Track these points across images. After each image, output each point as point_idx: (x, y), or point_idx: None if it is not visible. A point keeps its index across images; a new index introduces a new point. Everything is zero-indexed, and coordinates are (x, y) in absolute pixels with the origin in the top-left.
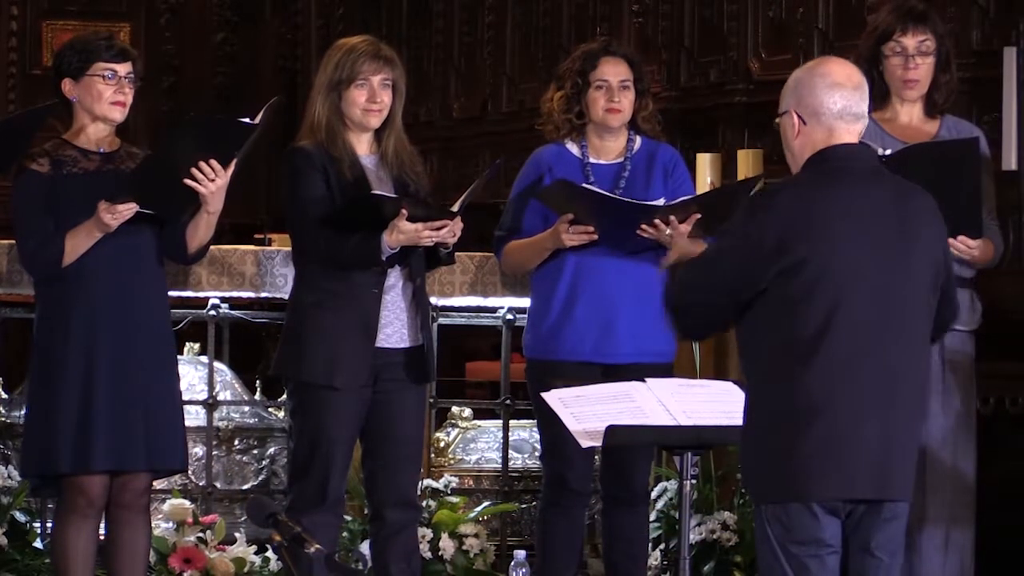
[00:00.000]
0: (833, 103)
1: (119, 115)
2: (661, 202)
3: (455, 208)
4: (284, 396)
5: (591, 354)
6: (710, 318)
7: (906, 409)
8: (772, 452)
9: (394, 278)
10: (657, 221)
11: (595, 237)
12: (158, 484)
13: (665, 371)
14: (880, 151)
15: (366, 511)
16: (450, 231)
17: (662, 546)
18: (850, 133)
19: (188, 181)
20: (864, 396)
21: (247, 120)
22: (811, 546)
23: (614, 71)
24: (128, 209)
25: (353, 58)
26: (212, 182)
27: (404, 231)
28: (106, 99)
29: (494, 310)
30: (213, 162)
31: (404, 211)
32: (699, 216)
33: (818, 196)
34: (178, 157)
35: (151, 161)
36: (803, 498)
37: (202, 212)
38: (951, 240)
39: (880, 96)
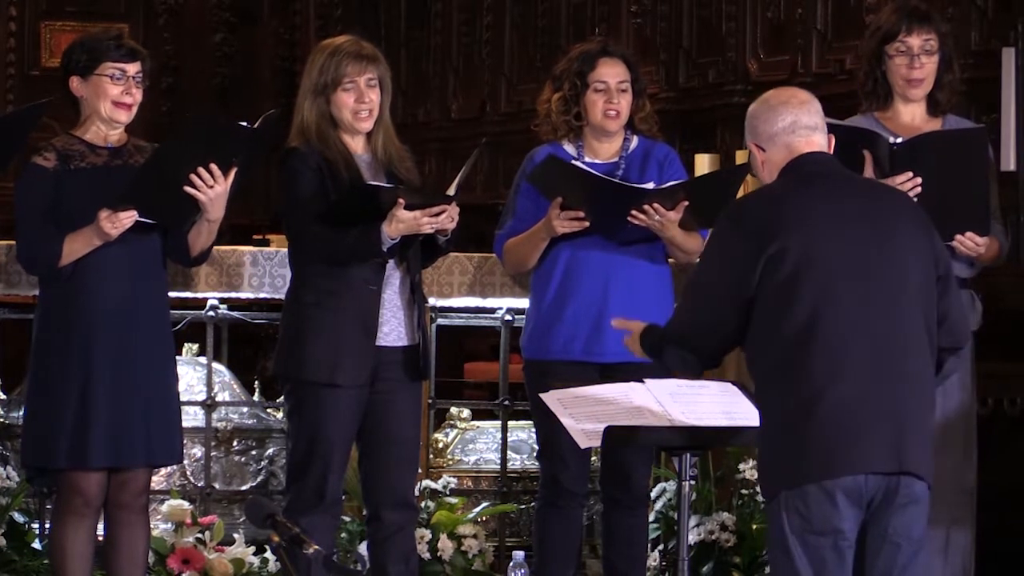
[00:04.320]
0: (781, 119)
1: (124, 117)
2: (650, 186)
3: (451, 192)
4: (282, 397)
5: (582, 353)
6: (721, 341)
7: (912, 388)
8: (786, 441)
9: (391, 275)
10: (647, 207)
11: (586, 224)
12: (156, 485)
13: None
14: (891, 139)
15: (364, 512)
16: (448, 216)
17: (661, 547)
18: (809, 144)
19: (187, 188)
20: (867, 378)
21: (244, 124)
22: (830, 536)
23: (612, 72)
24: (128, 218)
25: (337, 60)
26: (211, 188)
27: (403, 219)
28: (111, 98)
29: (493, 311)
30: (213, 167)
31: (401, 200)
32: (687, 204)
33: (790, 194)
34: (177, 164)
35: (150, 169)
36: (822, 476)
37: (203, 219)
38: (958, 237)
39: (883, 96)
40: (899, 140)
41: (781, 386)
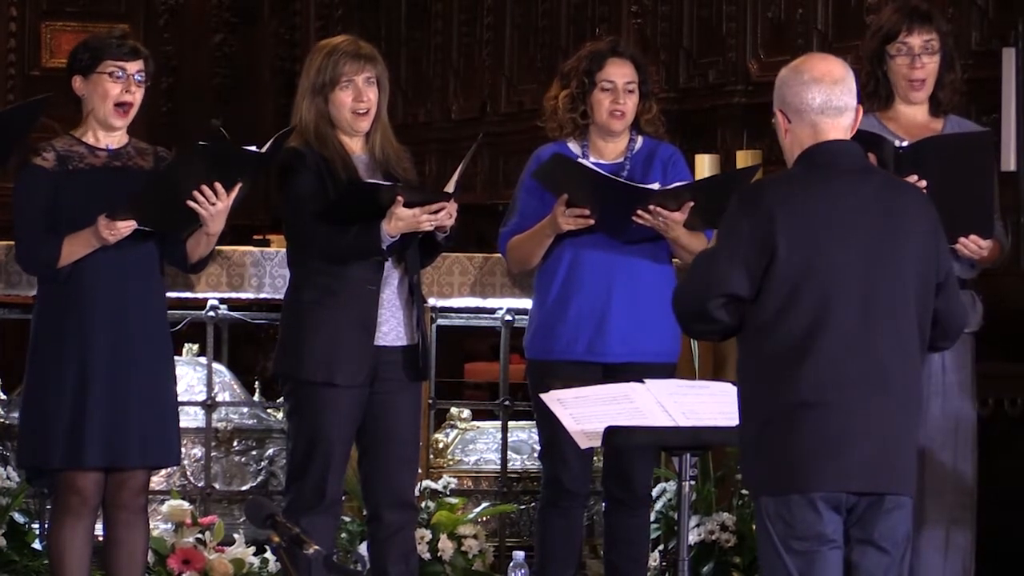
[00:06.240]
0: (812, 99)
1: (120, 123)
2: (656, 186)
3: (450, 189)
4: (282, 397)
5: (585, 353)
6: (718, 319)
7: (900, 404)
8: (770, 447)
9: (390, 275)
10: (652, 207)
11: (591, 222)
12: (156, 485)
13: (668, 371)
14: (896, 143)
15: (364, 512)
16: (447, 213)
17: (661, 547)
18: (835, 128)
19: (190, 203)
20: (856, 392)
21: (254, 149)
22: (813, 541)
23: (620, 73)
24: (127, 227)
25: (334, 60)
26: (213, 205)
27: (402, 217)
28: (112, 98)
29: (493, 311)
30: (217, 186)
31: (400, 197)
32: (692, 204)
33: (804, 194)
34: (182, 181)
35: (154, 182)
36: (803, 489)
37: (202, 232)
38: (962, 240)
39: (885, 96)
40: (904, 143)
41: (769, 389)
